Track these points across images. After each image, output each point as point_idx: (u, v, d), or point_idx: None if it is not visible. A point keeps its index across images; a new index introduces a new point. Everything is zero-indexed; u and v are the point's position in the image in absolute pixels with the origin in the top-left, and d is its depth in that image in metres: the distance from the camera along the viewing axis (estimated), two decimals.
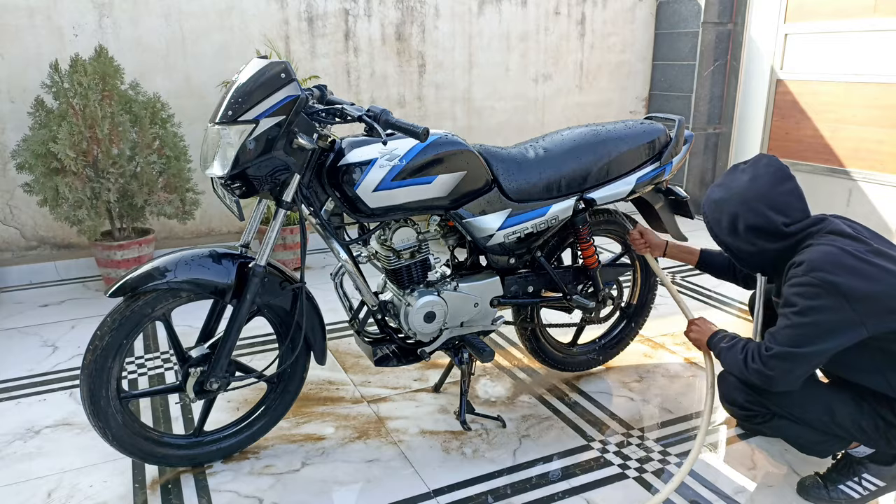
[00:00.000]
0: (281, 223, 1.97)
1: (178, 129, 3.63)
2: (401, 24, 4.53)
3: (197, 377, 2.00)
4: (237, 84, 1.85)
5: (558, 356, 2.65)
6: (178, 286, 1.91)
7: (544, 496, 2.01)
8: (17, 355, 2.90)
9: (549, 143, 2.34)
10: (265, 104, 1.82)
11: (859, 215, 4.52)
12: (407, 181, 2.02)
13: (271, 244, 1.97)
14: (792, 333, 1.72)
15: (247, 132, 1.81)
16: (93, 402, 1.90)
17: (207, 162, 1.89)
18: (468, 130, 4.91)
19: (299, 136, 1.87)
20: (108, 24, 3.78)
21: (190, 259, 1.95)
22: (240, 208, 1.92)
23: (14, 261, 3.83)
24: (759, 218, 1.80)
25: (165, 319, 1.99)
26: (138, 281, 1.88)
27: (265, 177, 1.90)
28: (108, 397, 1.92)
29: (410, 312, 2.15)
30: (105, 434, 1.95)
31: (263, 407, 2.22)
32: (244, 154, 1.82)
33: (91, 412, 1.91)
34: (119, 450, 1.98)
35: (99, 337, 1.88)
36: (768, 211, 1.79)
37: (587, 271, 2.49)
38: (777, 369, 1.75)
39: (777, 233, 1.80)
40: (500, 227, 2.22)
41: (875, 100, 4.32)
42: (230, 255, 2.00)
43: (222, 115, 1.82)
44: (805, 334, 1.70)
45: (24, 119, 3.44)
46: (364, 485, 2.06)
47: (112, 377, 1.92)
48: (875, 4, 4.26)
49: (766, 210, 1.79)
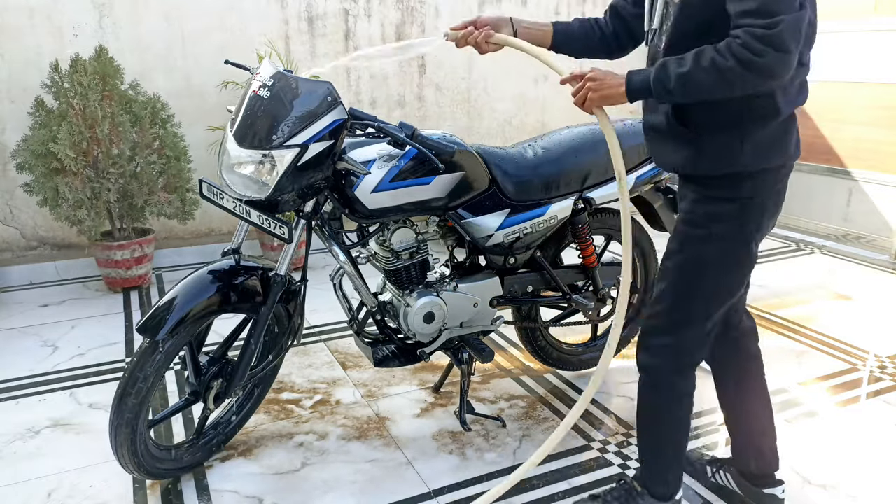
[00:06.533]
0: (300, 234, 1.93)
1: (178, 129, 3.63)
2: (401, 24, 4.53)
3: (217, 390, 1.99)
4: (268, 100, 1.77)
5: (558, 356, 2.65)
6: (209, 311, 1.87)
7: (544, 496, 2.01)
8: (17, 355, 2.90)
9: (547, 143, 2.33)
10: (314, 128, 1.77)
11: (859, 215, 4.52)
12: (405, 182, 2.02)
13: (291, 254, 1.94)
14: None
15: (294, 156, 1.76)
16: (132, 445, 1.86)
17: (233, 181, 1.83)
18: (468, 131, 4.91)
19: (347, 160, 1.84)
20: (108, 24, 3.78)
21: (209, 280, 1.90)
22: (290, 228, 1.81)
23: (14, 261, 3.83)
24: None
25: (191, 344, 1.97)
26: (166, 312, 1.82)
27: (299, 197, 1.87)
28: (142, 435, 1.88)
29: (410, 313, 2.15)
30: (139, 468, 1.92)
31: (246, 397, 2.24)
32: (287, 178, 1.78)
33: (126, 455, 1.87)
34: (147, 476, 1.98)
35: (141, 378, 1.82)
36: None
37: (587, 271, 2.49)
38: (786, 45, 1.35)
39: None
40: (499, 227, 2.22)
41: (875, 100, 4.32)
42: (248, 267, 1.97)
43: (261, 138, 1.76)
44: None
45: (24, 119, 3.44)
46: (364, 485, 2.06)
47: (145, 414, 1.87)
48: (875, 4, 4.26)
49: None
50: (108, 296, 3.58)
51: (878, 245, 4.37)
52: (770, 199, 1.62)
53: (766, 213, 1.62)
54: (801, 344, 3.03)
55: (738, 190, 1.59)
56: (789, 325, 3.22)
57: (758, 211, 1.61)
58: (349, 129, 1.87)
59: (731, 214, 1.60)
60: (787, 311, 3.38)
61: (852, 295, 3.63)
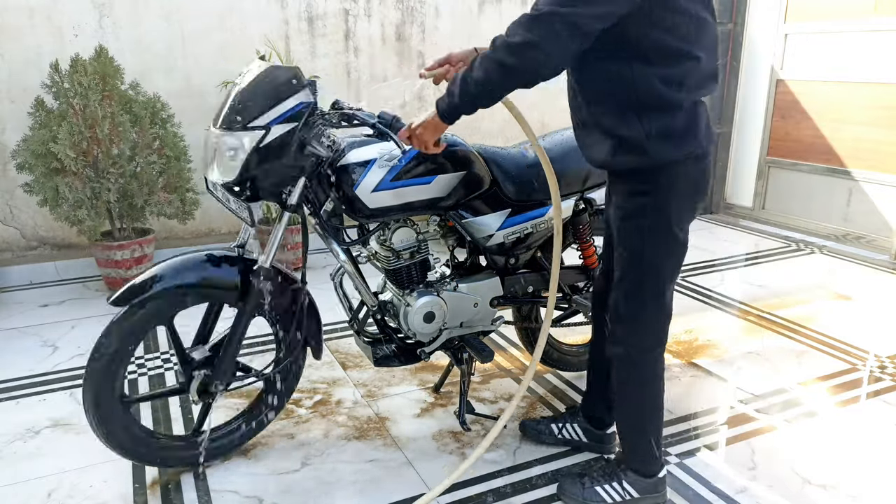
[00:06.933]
0: (286, 225, 1.96)
1: (178, 129, 3.63)
2: (401, 24, 4.53)
3: (200, 380, 1.99)
4: (242, 87, 1.81)
5: (558, 356, 2.65)
6: (183, 291, 1.90)
7: (544, 496, 2.01)
8: (17, 355, 2.90)
9: (548, 143, 2.33)
10: (277, 110, 1.79)
11: (859, 215, 4.52)
12: (406, 181, 2.02)
13: (276, 245, 1.95)
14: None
15: (257, 138, 1.78)
16: (97, 408, 1.89)
17: (209, 167, 1.86)
18: (468, 130, 4.91)
19: (312, 144, 1.85)
20: (108, 24, 3.78)
21: (192, 263, 1.93)
22: (251, 213, 1.88)
23: (14, 261, 3.83)
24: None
25: (169, 323, 1.99)
26: (142, 288, 1.86)
27: (271, 183, 1.87)
28: (113, 403, 1.91)
29: (410, 313, 2.14)
30: (109, 440, 1.94)
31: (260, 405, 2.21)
32: (253, 161, 1.79)
33: (94, 419, 1.90)
34: (121, 454, 1.98)
35: (105, 345, 1.87)
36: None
37: (587, 271, 2.49)
38: (543, 32, 1.47)
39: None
40: (499, 227, 2.22)
41: (875, 100, 4.32)
42: (231, 257, 2.00)
43: (228, 120, 1.79)
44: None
45: (24, 119, 3.44)
46: (364, 485, 2.06)
47: (116, 383, 1.91)
48: (875, 4, 4.26)
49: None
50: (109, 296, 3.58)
51: (878, 245, 4.37)
52: (688, 188, 1.69)
53: (684, 201, 1.70)
54: (801, 344, 3.03)
55: (653, 183, 1.67)
56: (789, 325, 3.22)
57: (675, 200, 1.68)
58: (323, 117, 1.88)
59: (652, 206, 1.69)
60: (787, 311, 3.38)
61: (852, 295, 3.63)
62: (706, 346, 3.01)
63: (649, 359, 1.83)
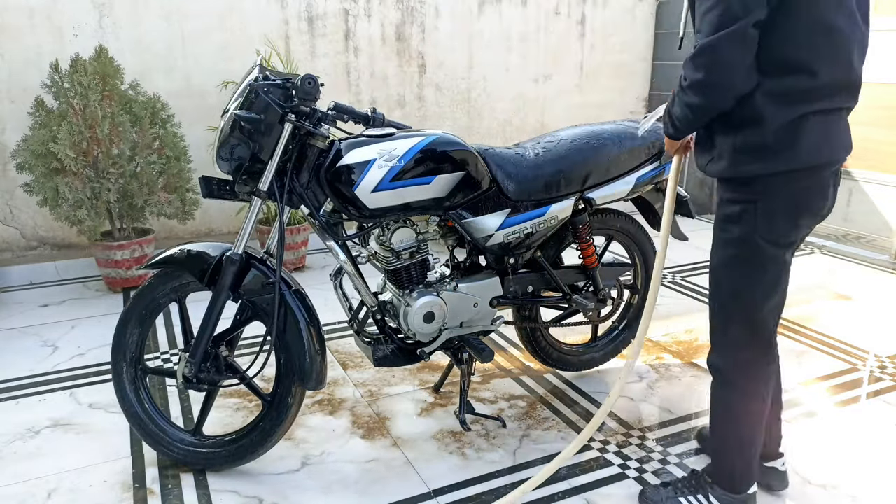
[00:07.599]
0: (256, 213, 1.97)
1: (178, 129, 3.63)
2: (401, 24, 4.53)
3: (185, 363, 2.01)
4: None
5: (558, 356, 2.65)
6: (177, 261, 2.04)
7: (544, 496, 2.01)
8: (17, 355, 2.90)
9: (548, 143, 2.33)
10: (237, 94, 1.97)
11: (859, 215, 4.52)
12: (406, 181, 2.02)
13: (248, 234, 1.97)
14: (713, 17, 1.48)
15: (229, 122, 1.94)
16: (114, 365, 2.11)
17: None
18: (468, 131, 4.91)
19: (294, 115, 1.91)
20: (108, 24, 3.78)
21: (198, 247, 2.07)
22: (203, 185, 2.01)
23: (14, 261, 3.83)
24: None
25: (180, 301, 2.11)
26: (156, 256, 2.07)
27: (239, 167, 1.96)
28: (126, 362, 2.10)
29: (410, 313, 2.14)
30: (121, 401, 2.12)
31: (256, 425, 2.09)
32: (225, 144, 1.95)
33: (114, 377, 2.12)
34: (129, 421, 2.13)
35: (124, 312, 2.09)
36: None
37: (587, 271, 2.49)
38: (707, 65, 1.50)
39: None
40: (499, 227, 2.22)
41: (875, 100, 4.32)
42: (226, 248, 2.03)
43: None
44: (729, 8, 1.45)
45: (24, 119, 3.44)
46: (364, 485, 2.06)
47: (129, 343, 2.10)
48: (875, 4, 4.25)
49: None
50: (108, 296, 3.59)
51: (878, 245, 4.37)
52: (780, 204, 1.62)
53: (776, 217, 1.63)
54: (801, 344, 3.03)
55: (745, 193, 1.65)
56: (789, 325, 3.22)
57: (765, 215, 1.63)
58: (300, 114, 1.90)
59: (741, 217, 1.66)
60: (787, 311, 3.33)
61: (852, 295, 3.63)
62: (706, 346, 3.00)
63: (738, 376, 1.79)
